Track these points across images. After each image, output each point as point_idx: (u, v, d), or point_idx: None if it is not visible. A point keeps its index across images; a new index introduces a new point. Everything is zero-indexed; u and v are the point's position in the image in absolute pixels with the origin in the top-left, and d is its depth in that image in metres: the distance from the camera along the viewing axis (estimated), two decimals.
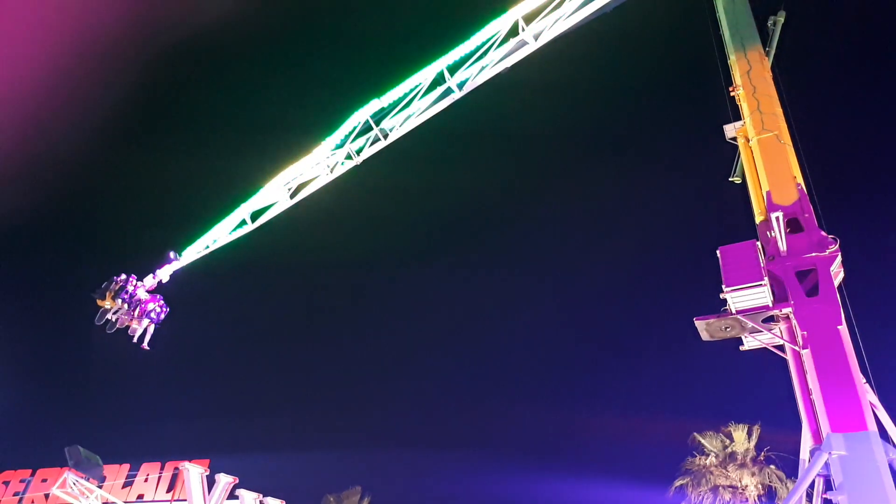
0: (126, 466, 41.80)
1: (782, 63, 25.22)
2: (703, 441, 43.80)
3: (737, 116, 25.00)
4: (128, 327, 25.17)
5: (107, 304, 24.65)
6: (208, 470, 27.55)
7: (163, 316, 25.69)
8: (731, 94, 25.19)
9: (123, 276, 25.11)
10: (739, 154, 25.26)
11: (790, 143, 23.21)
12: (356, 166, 25.83)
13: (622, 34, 32.22)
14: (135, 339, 25.28)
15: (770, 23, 26.19)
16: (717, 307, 21.30)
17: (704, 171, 27.60)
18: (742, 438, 43.35)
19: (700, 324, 20.84)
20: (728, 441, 43.53)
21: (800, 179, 22.49)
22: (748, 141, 24.02)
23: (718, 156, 26.40)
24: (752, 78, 24.73)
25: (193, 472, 26.88)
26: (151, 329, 25.58)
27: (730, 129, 24.92)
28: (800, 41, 27.22)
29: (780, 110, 23.92)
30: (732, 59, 25.56)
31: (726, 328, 20.71)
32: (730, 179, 26.81)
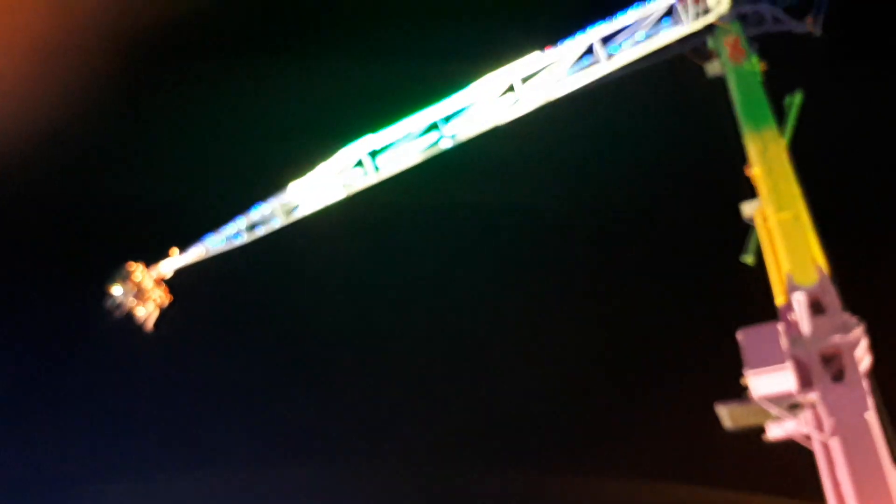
0: None
1: (800, 142, 25.04)
2: None
3: (754, 194, 24.73)
4: (131, 312, 28.18)
5: (115, 288, 27.91)
6: None
7: (166, 303, 28.75)
8: (747, 173, 25.02)
9: (132, 265, 28.31)
10: (752, 233, 24.90)
11: (809, 223, 22.88)
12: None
13: (629, 105, 32.30)
14: (139, 322, 28.35)
15: (787, 102, 26.17)
16: (738, 394, 20.65)
17: (722, 250, 27.04)
18: None
19: (722, 410, 20.17)
20: None
21: (820, 260, 22.07)
22: (766, 220, 23.72)
23: (735, 235, 25.98)
24: (767, 157, 24.58)
25: None
26: (156, 313, 28.63)
27: (747, 208, 24.60)
28: (819, 118, 27.07)
29: (797, 189, 23.65)
30: (747, 137, 25.48)
31: (750, 415, 20.02)
32: (742, 259, 26.20)
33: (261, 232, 28.86)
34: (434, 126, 27.40)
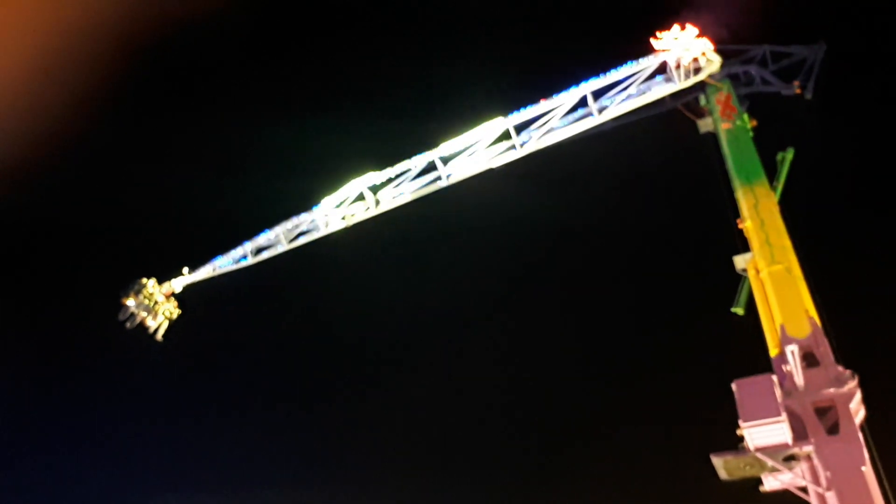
0: None
1: (792, 196, 25.36)
2: None
3: (746, 247, 24.90)
4: (142, 323, 30.10)
5: (129, 301, 29.79)
6: None
7: (175, 316, 30.78)
8: (739, 226, 25.24)
9: (144, 280, 30.44)
10: (743, 285, 24.97)
11: (801, 276, 23.04)
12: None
13: (622, 157, 32.72)
14: (150, 332, 30.32)
15: (779, 157, 26.58)
16: (732, 445, 20.42)
17: (715, 300, 27.10)
18: None
19: (717, 461, 19.88)
20: None
21: (813, 313, 22.15)
22: (758, 273, 23.85)
23: (726, 284, 25.99)
24: (759, 211, 24.85)
25: None
26: (165, 325, 30.62)
27: (740, 261, 24.69)
28: (811, 172, 27.55)
29: (788, 243, 23.88)
30: (738, 191, 25.79)
31: (746, 466, 19.74)
32: (732, 310, 26.16)
33: (265, 255, 30.87)
34: (432, 166, 28.96)
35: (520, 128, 28.82)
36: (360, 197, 29.89)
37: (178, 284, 31.30)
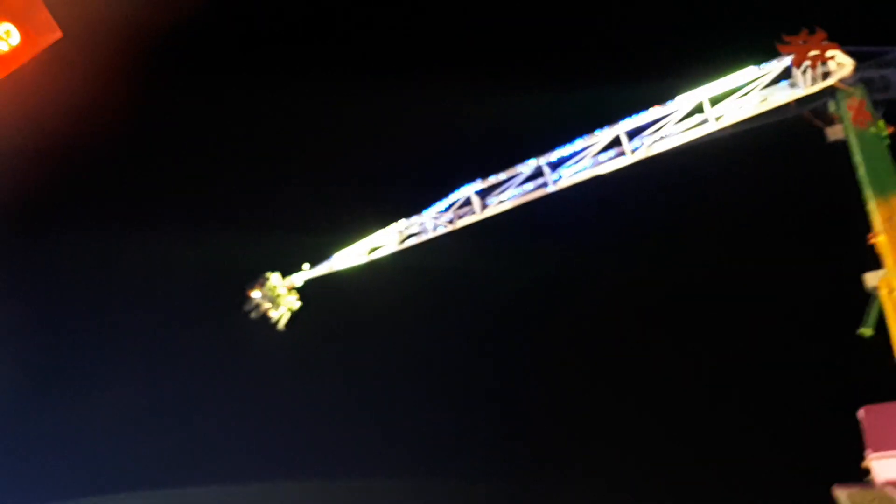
0: None
1: None
2: None
3: (878, 264, 23.13)
4: (266, 314, 32.35)
5: (253, 293, 32.22)
6: None
7: (296, 308, 32.88)
8: (871, 241, 23.49)
9: (269, 273, 32.73)
10: (872, 304, 23.12)
11: None
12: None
13: (740, 165, 31.16)
14: (272, 322, 32.60)
15: None
16: (858, 477, 18.93)
17: (838, 321, 25.34)
18: None
19: (841, 493, 18.45)
20: None
21: None
22: (892, 291, 22.08)
23: (852, 305, 24.15)
24: (894, 225, 23.06)
25: None
26: (287, 316, 32.78)
27: (871, 278, 22.94)
28: None
29: None
30: (871, 204, 23.99)
31: (874, 501, 18.22)
32: (859, 332, 24.09)
33: (378, 255, 32.23)
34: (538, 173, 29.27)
35: (631, 134, 28.15)
36: (468, 202, 30.56)
37: (298, 279, 33.17)
